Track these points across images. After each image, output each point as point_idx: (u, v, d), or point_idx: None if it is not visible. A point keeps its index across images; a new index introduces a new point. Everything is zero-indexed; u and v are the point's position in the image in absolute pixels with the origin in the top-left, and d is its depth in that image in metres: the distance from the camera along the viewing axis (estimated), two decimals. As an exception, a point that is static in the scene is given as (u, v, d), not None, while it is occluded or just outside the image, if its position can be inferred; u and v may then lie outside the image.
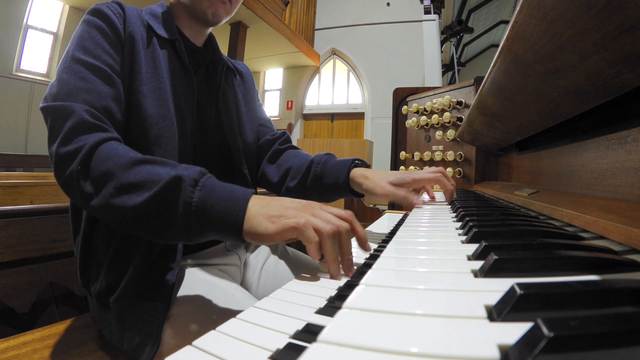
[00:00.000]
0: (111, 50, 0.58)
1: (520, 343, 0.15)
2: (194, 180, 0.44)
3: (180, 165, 0.47)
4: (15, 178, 1.61)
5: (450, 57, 6.33)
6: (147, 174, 0.46)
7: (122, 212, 0.45)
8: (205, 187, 0.44)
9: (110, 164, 0.47)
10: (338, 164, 0.72)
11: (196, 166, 0.47)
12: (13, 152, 4.00)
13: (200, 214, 0.43)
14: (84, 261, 0.61)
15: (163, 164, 0.47)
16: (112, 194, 0.46)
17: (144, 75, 0.60)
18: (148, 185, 0.45)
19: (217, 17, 0.69)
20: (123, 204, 0.45)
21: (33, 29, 4.35)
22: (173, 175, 0.44)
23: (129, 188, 0.45)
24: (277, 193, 0.81)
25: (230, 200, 0.43)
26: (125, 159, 0.47)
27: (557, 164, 0.69)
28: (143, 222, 0.45)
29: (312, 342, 0.18)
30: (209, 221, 0.43)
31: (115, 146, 0.49)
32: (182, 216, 0.43)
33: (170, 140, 0.60)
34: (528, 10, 0.36)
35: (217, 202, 0.43)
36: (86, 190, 0.47)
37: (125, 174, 0.46)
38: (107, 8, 0.60)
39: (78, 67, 0.54)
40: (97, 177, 0.47)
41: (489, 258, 0.26)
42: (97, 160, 0.47)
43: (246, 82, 0.86)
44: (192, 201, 0.43)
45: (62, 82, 0.53)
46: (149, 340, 0.52)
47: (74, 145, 0.48)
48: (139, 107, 0.58)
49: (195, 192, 0.43)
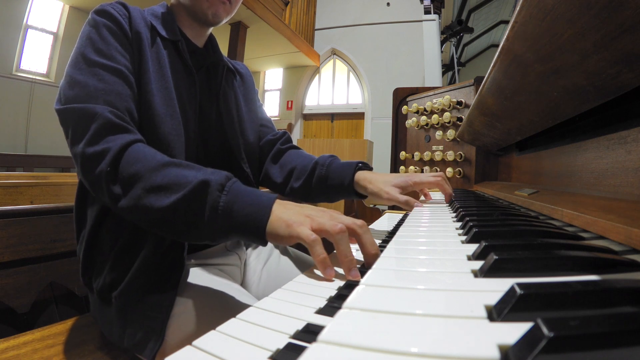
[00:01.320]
0: (122, 50, 0.59)
1: (520, 343, 0.15)
2: (221, 184, 0.46)
3: (206, 169, 0.49)
4: (15, 178, 1.61)
5: (450, 57, 6.33)
6: (174, 177, 0.47)
7: (150, 213, 0.47)
8: (232, 192, 0.46)
9: (138, 167, 0.48)
10: (343, 167, 0.74)
11: (222, 170, 0.49)
12: (13, 152, 4.00)
13: (226, 217, 0.45)
14: (88, 257, 0.62)
15: (189, 167, 0.49)
16: (141, 195, 0.47)
17: (151, 74, 0.60)
18: (176, 188, 0.46)
19: (217, 17, 0.70)
20: (151, 205, 0.47)
21: (33, 29, 4.35)
22: (201, 179, 0.46)
23: (157, 190, 0.47)
24: (281, 193, 0.82)
25: (255, 205, 0.45)
26: (153, 161, 0.49)
27: (557, 164, 0.69)
28: (170, 223, 0.47)
29: (312, 342, 0.18)
30: (235, 224, 0.45)
31: (142, 148, 0.51)
32: (209, 219, 0.45)
33: (178, 139, 0.60)
34: (528, 10, 0.36)
35: (242, 207, 0.45)
36: (115, 192, 0.49)
37: (154, 176, 0.48)
38: (112, 8, 0.61)
39: (93, 69, 0.55)
40: (126, 178, 0.48)
41: (489, 258, 0.26)
42: (126, 162, 0.49)
43: (246, 82, 0.87)
44: (219, 205, 0.45)
45: (79, 84, 0.54)
46: (152, 336, 0.52)
47: (102, 146, 0.50)
48: (148, 105, 0.59)
49: (222, 196, 0.45)
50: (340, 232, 0.40)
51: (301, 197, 0.79)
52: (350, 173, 0.72)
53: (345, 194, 0.74)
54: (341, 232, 0.40)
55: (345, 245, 0.40)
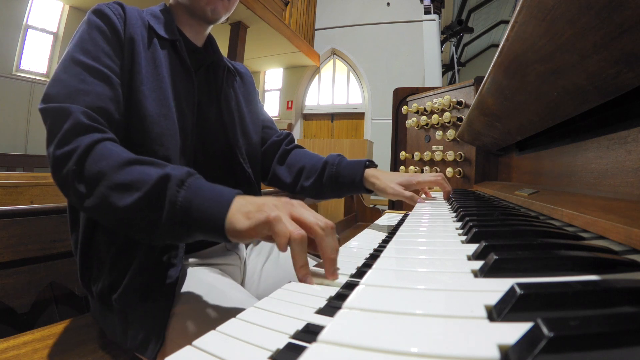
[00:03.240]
0: (111, 52, 0.58)
1: (520, 343, 0.15)
2: (181, 180, 0.45)
3: (169, 165, 0.47)
4: (15, 178, 1.61)
5: (450, 57, 6.33)
6: (138, 174, 0.46)
7: (115, 212, 0.46)
8: (191, 187, 0.44)
9: (103, 164, 0.47)
10: (352, 165, 0.80)
11: (185, 167, 0.48)
12: (13, 152, 4.00)
13: (184, 213, 0.43)
14: (85, 261, 0.61)
15: (154, 164, 0.48)
16: (105, 194, 0.46)
17: (144, 76, 0.60)
18: (138, 186, 0.45)
19: (216, 14, 0.70)
20: (115, 204, 0.45)
21: (33, 29, 4.35)
22: (161, 175, 0.45)
23: (120, 188, 0.46)
24: (291, 192, 0.85)
25: (214, 200, 0.43)
26: (118, 159, 0.48)
27: (557, 164, 0.69)
28: (134, 222, 0.46)
29: (312, 342, 0.18)
30: (194, 220, 0.43)
31: (110, 146, 0.50)
32: (167, 215, 0.44)
33: (172, 139, 0.60)
34: (528, 10, 0.36)
35: (201, 202, 0.43)
36: (80, 191, 0.48)
37: (117, 174, 0.46)
38: (108, 9, 0.61)
39: (77, 69, 0.55)
40: (90, 177, 0.47)
41: (489, 258, 0.26)
42: (92, 160, 0.48)
43: (246, 83, 0.87)
44: (177, 200, 0.44)
45: (61, 83, 0.54)
46: (153, 336, 0.52)
47: (70, 147, 0.49)
48: (139, 107, 0.58)
49: (180, 191, 0.44)
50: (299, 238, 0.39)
51: (312, 195, 0.84)
52: (361, 171, 0.78)
53: (355, 190, 0.80)
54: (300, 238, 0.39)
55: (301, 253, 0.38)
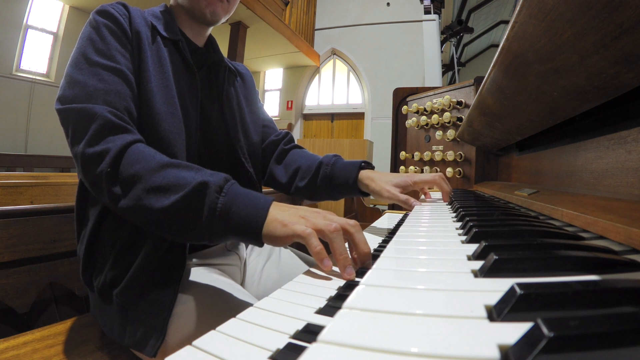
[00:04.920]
0: (122, 50, 0.59)
1: (520, 343, 0.15)
2: (219, 186, 0.47)
3: (205, 171, 0.49)
4: (15, 178, 1.61)
5: (450, 57, 6.33)
6: (174, 177, 0.48)
7: (150, 214, 0.47)
8: (230, 194, 0.47)
9: (138, 167, 0.49)
10: (347, 166, 0.77)
11: (221, 172, 0.49)
12: (13, 152, 4.00)
13: (224, 219, 0.45)
14: (89, 255, 0.62)
15: (189, 168, 0.50)
16: (141, 196, 0.48)
17: (151, 73, 0.61)
18: (175, 189, 0.47)
19: (215, 15, 0.70)
20: (151, 205, 0.47)
21: (33, 29, 4.35)
22: (199, 181, 0.47)
23: (157, 191, 0.48)
24: (286, 193, 0.84)
25: (252, 207, 0.46)
26: (153, 162, 0.50)
27: (557, 164, 0.69)
28: (169, 223, 0.48)
29: (312, 342, 0.18)
30: (232, 225, 0.45)
31: (142, 149, 0.51)
32: (206, 220, 0.46)
33: (178, 137, 0.61)
34: (528, 10, 0.36)
35: (239, 208, 0.45)
36: (115, 192, 0.49)
37: (154, 177, 0.48)
38: (112, 9, 0.61)
39: (94, 69, 0.55)
40: (126, 179, 0.49)
41: (489, 258, 0.26)
42: (126, 162, 0.49)
43: (247, 83, 0.87)
44: (217, 206, 0.45)
45: (78, 84, 0.54)
46: (154, 333, 0.52)
47: (102, 147, 0.50)
48: (148, 104, 0.59)
49: (220, 197, 0.46)
50: (335, 230, 0.41)
51: (306, 196, 0.81)
52: (355, 172, 0.75)
53: (349, 192, 0.77)
54: (335, 230, 0.41)
55: (340, 243, 0.41)
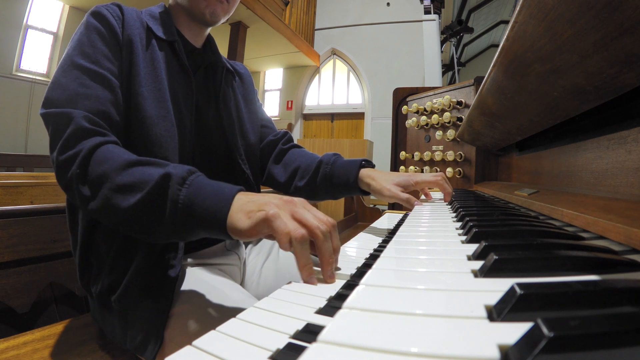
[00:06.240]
0: (109, 54, 0.59)
1: (520, 343, 0.15)
2: (182, 178, 0.45)
3: (170, 165, 0.48)
4: (15, 178, 1.61)
5: (450, 57, 6.32)
6: (140, 174, 0.47)
7: (118, 214, 0.46)
8: (193, 185, 0.45)
9: (105, 167, 0.48)
10: (347, 165, 0.76)
11: (186, 165, 0.48)
12: (13, 152, 3.99)
13: (186, 211, 0.43)
14: (84, 262, 0.61)
15: (155, 164, 0.48)
16: (108, 196, 0.47)
17: (142, 78, 0.60)
18: (140, 186, 0.46)
19: (215, 16, 0.69)
20: (118, 205, 0.46)
21: (33, 29, 4.34)
22: (162, 174, 0.45)
23: (123, 189, 0.46)
24: (285, 192, 0.83)
25: (216, 198, 0.43)
26: (120, 161, 0.48)
27: (557, 164, 0.69)
28: (138, 222, 0.46)
29: (312, 342, 0.18)
30: (196, 218, 0.43)
31: (112, 149, 0.50)
32: (170, 213, 0.44)
33: (170, 140, 0.60)
34: (528, 10, 0.36)
35: (203, 200, 0.43)
36: (84, 193, 0.48)
37: (120, 175, 0.47)
38: (106, 11, 0.61)
39: (77, 72, 0.55)
40: (94, 179, 0.48)
41: (489, 258, 0.26)
42: (94, 163, 0.48)
43: (245, 83, 0.87)
44: (179, 198, 0.44)
45: (61, 87, 0.54)
46: (152, 337, 0.52)
47: (73, 151, 0.49)
48: (138, 108, 0.59)
49: (182, 189, 0.44)
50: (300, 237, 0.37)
51: (306, 196, 0.79)
52: (355, 171, 0.74)
53: (350, 191, 0.76)
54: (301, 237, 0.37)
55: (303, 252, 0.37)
